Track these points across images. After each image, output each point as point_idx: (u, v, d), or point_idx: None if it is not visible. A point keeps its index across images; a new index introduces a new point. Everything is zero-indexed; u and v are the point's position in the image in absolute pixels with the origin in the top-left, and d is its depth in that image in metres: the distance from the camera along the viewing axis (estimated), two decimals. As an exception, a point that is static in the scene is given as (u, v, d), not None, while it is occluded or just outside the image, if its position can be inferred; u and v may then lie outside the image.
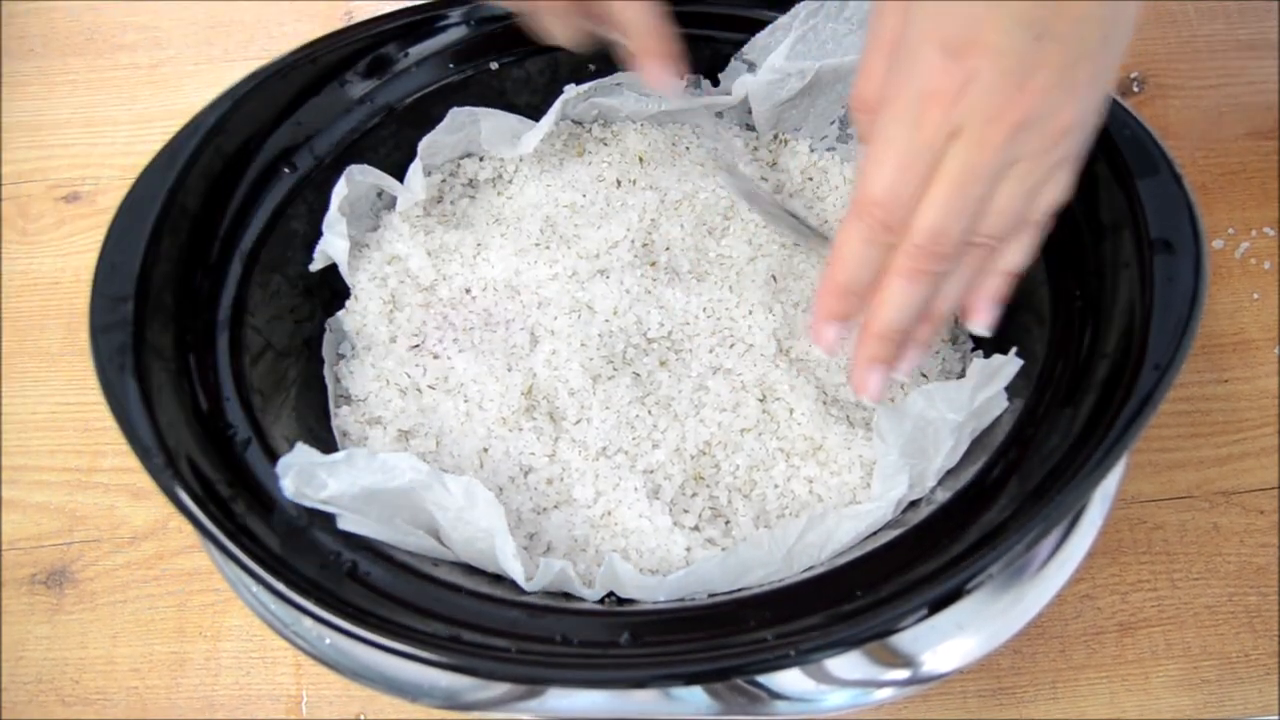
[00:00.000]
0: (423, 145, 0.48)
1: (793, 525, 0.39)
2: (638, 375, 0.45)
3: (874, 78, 0.35)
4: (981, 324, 0.38)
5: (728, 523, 0.42)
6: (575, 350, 0.45)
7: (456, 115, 0.49)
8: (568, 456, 0.43)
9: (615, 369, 0.45)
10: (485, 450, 0.44)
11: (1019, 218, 0.35)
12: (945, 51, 0.31)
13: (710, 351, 0.45)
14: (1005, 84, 0.31)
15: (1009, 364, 0.41)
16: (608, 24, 0.44)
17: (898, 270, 0.35)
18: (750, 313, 0.46)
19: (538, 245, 0.48)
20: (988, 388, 0.40)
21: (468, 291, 0.47)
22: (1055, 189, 0.35)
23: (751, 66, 0.49)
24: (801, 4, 0.47)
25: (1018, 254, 0.37)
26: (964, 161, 0.33)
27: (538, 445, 0.43)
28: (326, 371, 0.47)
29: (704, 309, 0.46)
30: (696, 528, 0.42)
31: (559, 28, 0.44)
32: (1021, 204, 0.35)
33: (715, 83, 0.51)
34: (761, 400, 0.45)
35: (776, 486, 0.43)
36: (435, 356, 0.46)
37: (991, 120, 0.32)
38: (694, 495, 0.43)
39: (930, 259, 0.35)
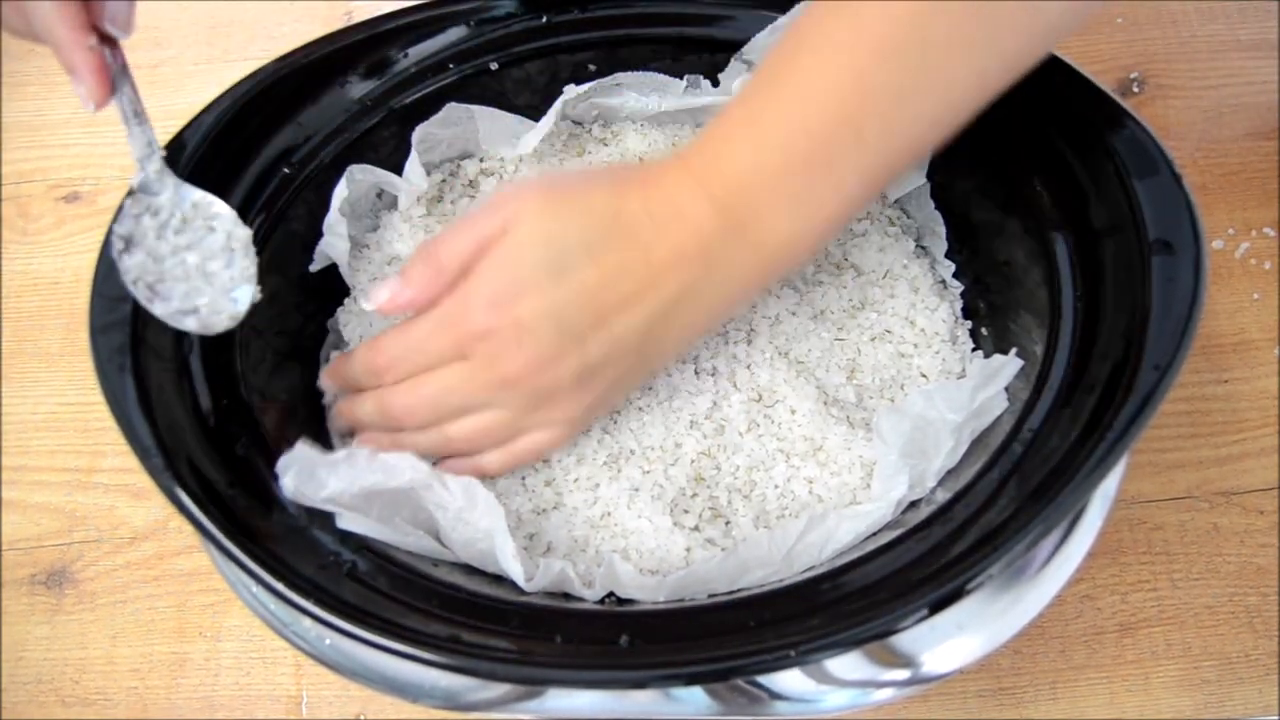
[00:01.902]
0: (417, 136, 0.48)
1: (793, 526, 0.39)
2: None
3: (457, 253, 0.39)
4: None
5: (728, 523, 0.42)
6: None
7: (452, 110, 0.49)
8: (567, 457, 0.43)
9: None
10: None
11: (490, 442, 0.41)
12: (492, 305, 0.38)
13: (709, 353, 0.45)
14: (520, 348, 0.38)
15: (1009, 364, 0.41)
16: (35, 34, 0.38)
17: (364, 423, 0.43)
18: (751, 312, 0.46)
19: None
20: (987, 388, 0.40)
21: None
22: (531, 444, 0.41)
23: (751, 66, 0.49)
24: (802, 4, 0.47)
25: (493, 463, 0.42)
26: (454, 381, 0.40)
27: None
28: (326, 372, 0.47)
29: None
30: (696, 528, 0.42)
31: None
32: (492, 436, 0.41)
33: (715, 83, 0.51)
34: (760, 400, 0.45)
35: (776, 487, 0.43)
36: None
37: (493, 367, 0.38)
38: (694, 496, 0.43)
39: (392, 427, 0.42)
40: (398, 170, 0.49)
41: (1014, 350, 0.42)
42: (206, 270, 0.40)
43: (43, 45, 0.37)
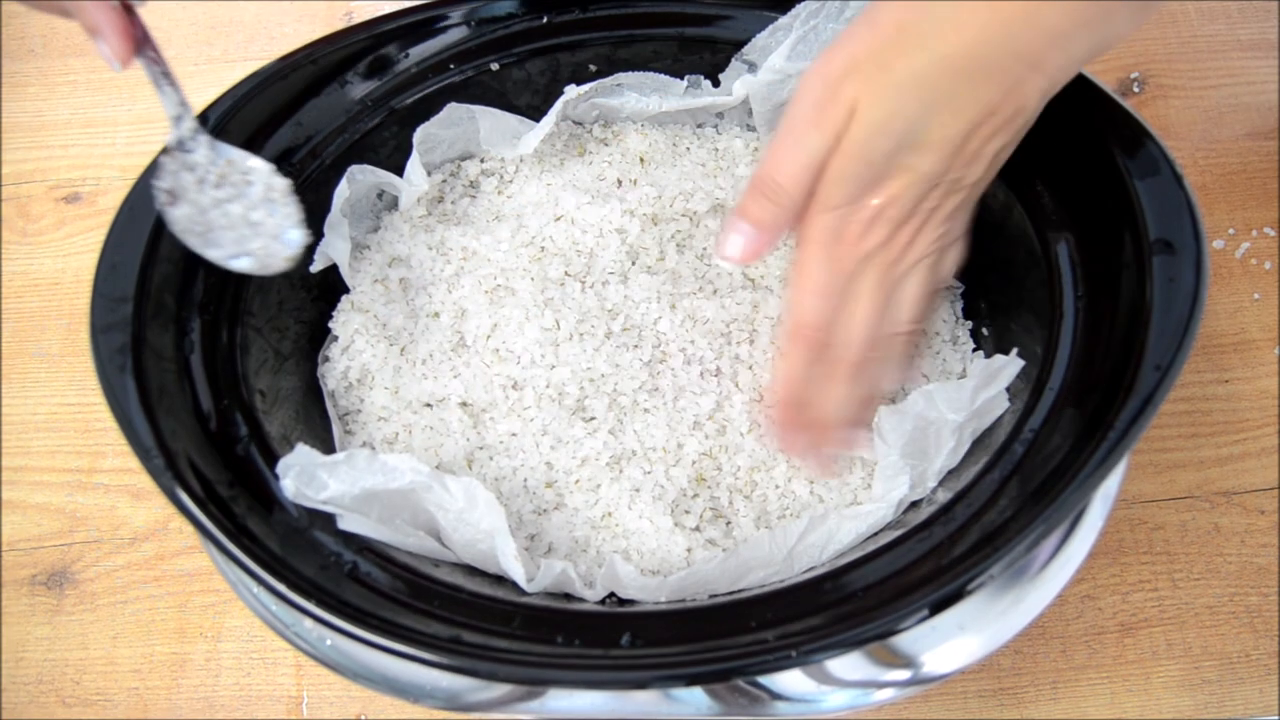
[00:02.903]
0: (418, 137, 0.48)
1: (794, 526, 0.39)
2: (638, 376, 0.45)
3: (794, 170, 0.37)
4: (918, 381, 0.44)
5: (729, 523, 0.42)
6: (576, 352, 0.45)
7: (454, 110, 0.49)
8: (568, 458, 0.43)
9: (617, 369, 0.45)
10: (484, 450, 0.44)
11: (926, 303, 0.41)
12: (869, 217, 0.37)
13: (714, 353, 0.45)
14: (906, 215, 0.38)
15: (1010, 364, 0.41)
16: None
17: (836, 377, 0.41)
18: (754, 312, 0.46)
19: (533, 243, 0.48)
20: (988, 388, 0.40)
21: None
22: (948, 268, 0.41)
23: (752, 67, 0.49)
24: (802, 4, 0.46)
25: (931, 313, 0.44)
26: (873, 283, 0.39)
27: (538, 446, 0.43)
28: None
29: (704, 309, 0.46)
30: (697, 528, 0.42)
31: None
32: (926, 294, 0.41)
33: (715, 83, 0.51)
34: (761, 400, 0.45)
35: (778, 488, 0.43)
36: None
37: (891, 246, 0.38)
38: (695, 496, 0.43)
39: (864, 364, 0.40)
40: (398, 171, 0.49)
41: (1015, 350, 0.42)
42: (251, 219, 0.41)
43: (66, 17, 0.38)
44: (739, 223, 0.39)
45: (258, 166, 0.42)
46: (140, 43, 0.39)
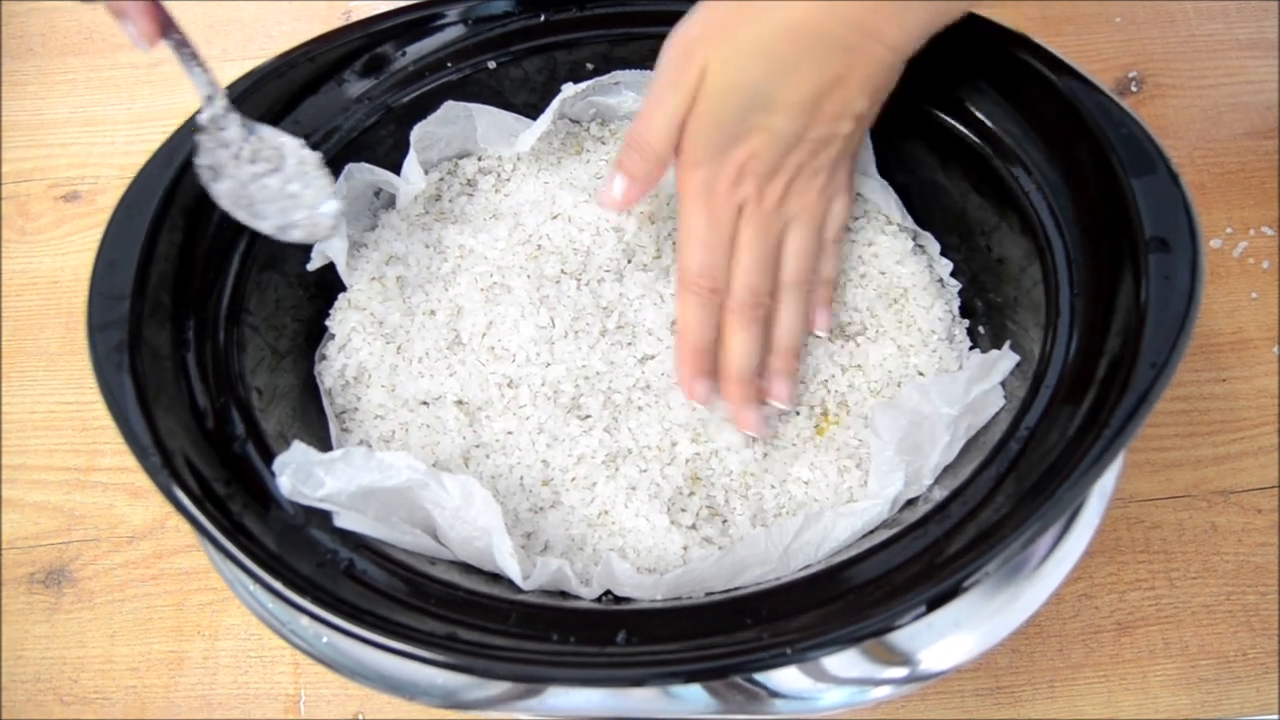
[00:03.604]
0: (415, 135, 0.48)
1: (789, 524, 0.39)
2: (633, 374, 0.45)
3: (657, 128, 0.41)
4: (822, 327, 0.46)
5: (725, 521, 0.43)
6: (571, 350, 0.45)
7: (451, 108, 0.49)
8: (564, 456, 0.43)
9: (612, 367, 0.45)
10: (480, 448, 0.44)
11: (816, 250, 0.44)
12: (721, 150, 0.40)
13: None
14: (771, 169, 0.41)
15: (1004, 358, 0.41)
16: None
17: (731, 323, 0.43)
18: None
19: (530, 241, 0.48)
20: (982, 381, 0.40)
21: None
22: (843, 214, 0.45)
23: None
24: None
25: (830, 266, 0.46)
26: (751, 232, 0.42)
27: (534, 444, 0.43)
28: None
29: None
30: (694, 526, 0.42)
31: None
32: (812, 242, 0.44)
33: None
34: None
35: (773, 487, 0.43)
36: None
37: (763, 198, 0.42)
38: (691, 494, 0.43)
39: (751, 309, 0.43)
40: (396, 169, 0.49)
41: (1008, 344, 0.42)
42: (288, 192, 0.43)
43: (90, 1, 0.40)
44: (617, 173, 0.43)
45: (288, 142, 0.43)
46: (164, 25, 0.40)
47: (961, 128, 0.44)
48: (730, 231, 0.42)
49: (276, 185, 0.43)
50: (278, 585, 0.35)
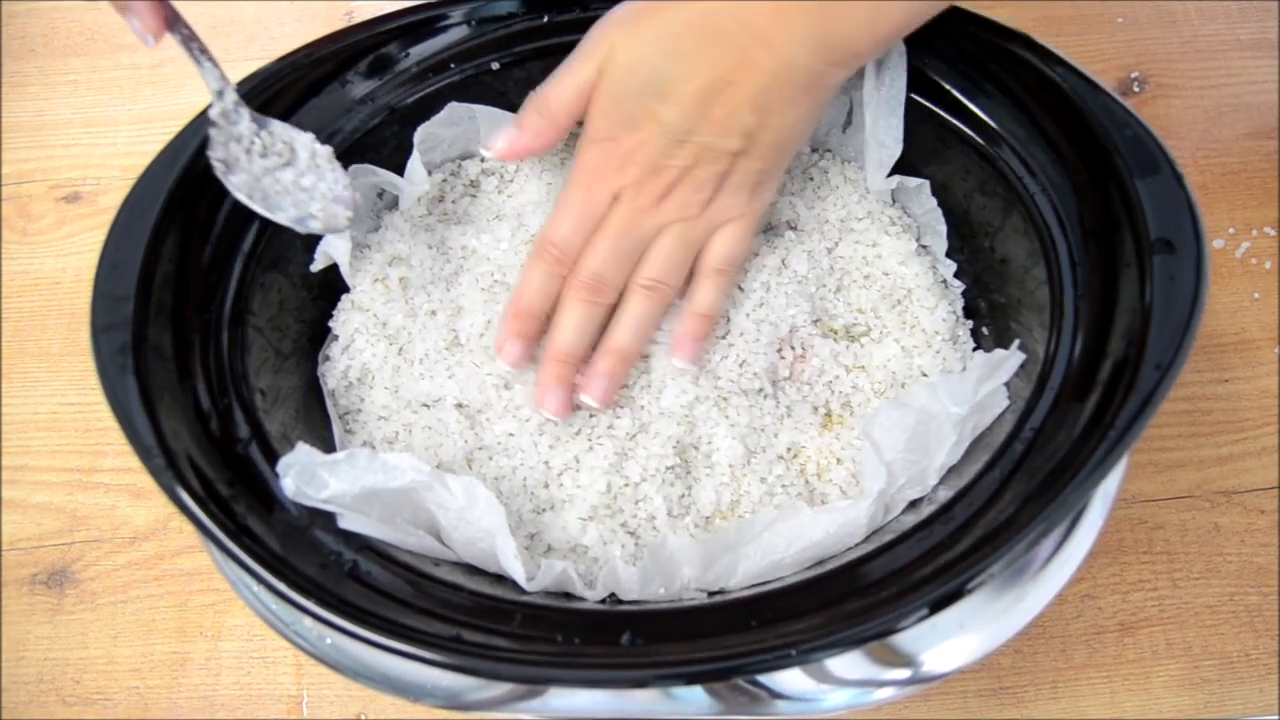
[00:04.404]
0: (419, 136, 0.48)
1: (765, 515, 0.39)
2: (633, 375, 0.45)
3: (559, 91, 0.43)
4: (681, 358, 0.44)
5: (725, 521, 0.42)
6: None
7: (454, 109, 0.49)
8: (567, 457, 0.43)
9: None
10: (483, 450, 0.44)
11: (683, 268, 0.43)
12: (617, 143, 0.42)
13: (707, 352, 0.46)
14: (655, 163, 0.41)
15: (1011, 357, 0.41)
16: None
17: (566, 298, 0.43)
18: (749, 314, 0.46)
19: (532, 241, 0.48)
20: (990, 380, 0.40)
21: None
22: (730, 245, 0.44)
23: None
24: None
25: (706, 298, 0.44)
26: (619, 220, 0.42)
27: (536, 446, 0.43)
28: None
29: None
30: (698, 527, 0.42)
31: None
32: (682, 256, 0.43)
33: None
34: (761, 392, 0.45)
35: (770, 490, 0.43)
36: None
37: (641, 191, 0.42)
38: (689, 493, 0.43)
39: (591, 291, 0.43)
40: (399, 170, 0.49)
41: (1016, 343, 0.42)
42: (302, 185, 0.43)
43: None
44: (511, 127, 0.44)
45: (299, 135, 0.43)
46: (170, 19, 0.40)
47: (965, 128, 0.44)
48: (600, 212, 0.43)
49: (290, 178, 0.43)
50: (281, 586, 0.35)
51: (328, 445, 0.44)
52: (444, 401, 0.44)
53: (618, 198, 0.42)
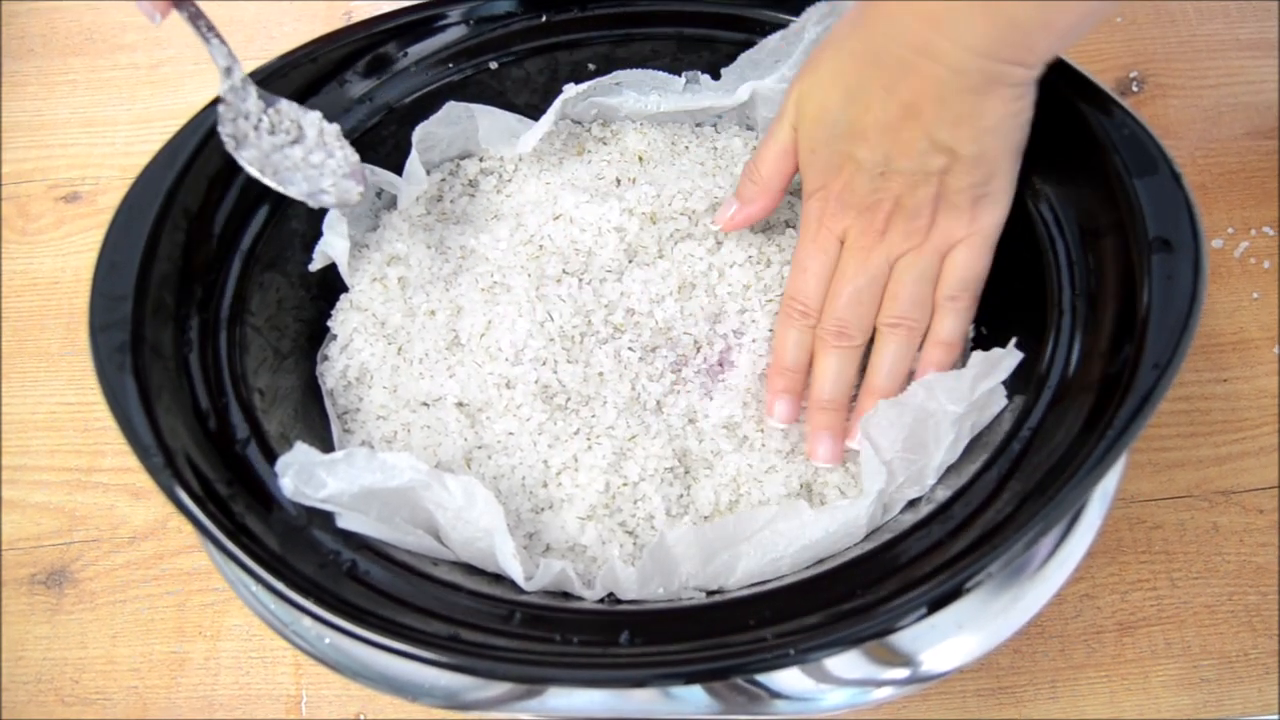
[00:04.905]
0: (417, 135, 0.48)
1: (765, 510, 0.39)
2: (634, 375, 0.45)
3: (764, 155, 0.44)
4: None
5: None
6: (569, 349, 0.45)
7: (452, 109, 0.49)
8: (565, 457, 0.43)
9: (616, 367, 0.45)
10: (482, 449, 0.44)
11: (923, 299, 0.43)
12: (824, 181, 0.42)
13: (706, 349, 0.45)
14: (864, 201, 0.42)
15: (1009, 356, 0.41)
16: None
17: (820, 349, 0.44)
18: (747, 314, 0.46)
19: (531, 241, 0.48)
20: (988, 379, 0.40)
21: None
22: (961, 270, 0.43)
23: (759, 69, 0.49)
24: (812, 8, 0.47)
25: (944, 326, 0.44)
26: (850, 264, 0.43)
27: (535, 445, 0.43)
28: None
29: (701, 310, 0.46)
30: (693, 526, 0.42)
31: None
32: (919, 288, 0.43)
33: (716, 76, 0.51)
34: (760, 402, 0.45)
35: (759, 481, 0.43)
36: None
37: (863, 231, 0.42)
38: (689, 493, 0.43)
39: (839, 338, 0.43)
40: (397, 169, 0.49)
41: (1013, 341, 0.42)
42: (311, 162, 0.43)
43: None
44: (731, 198, 0.46)
45: (306, 114, 0.44)
46: (180, 2, 0.41)
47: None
48: (832, 260, 0.43)
49: (299, 155, 0.43)
50: (280, 586, 0.35)
51: (326, 445, 0.44)
52: (444, 400, 0.45)
53: (844, 243, 0.43)
